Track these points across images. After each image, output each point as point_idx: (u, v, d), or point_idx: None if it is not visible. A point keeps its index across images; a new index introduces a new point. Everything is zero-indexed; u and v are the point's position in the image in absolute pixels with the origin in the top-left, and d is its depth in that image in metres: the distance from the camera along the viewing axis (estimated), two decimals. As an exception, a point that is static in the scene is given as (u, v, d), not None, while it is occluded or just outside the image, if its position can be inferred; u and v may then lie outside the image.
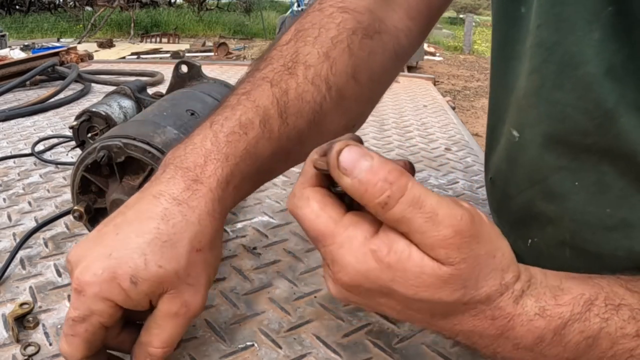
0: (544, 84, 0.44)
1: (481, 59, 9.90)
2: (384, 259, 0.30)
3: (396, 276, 0.30)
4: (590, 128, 0.41)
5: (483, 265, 0.31)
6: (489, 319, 0.32)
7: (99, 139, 0.52)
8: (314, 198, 0.33)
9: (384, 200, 0.29)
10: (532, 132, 0.47)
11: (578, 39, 0.40)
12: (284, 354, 0.43)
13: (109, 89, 1.13)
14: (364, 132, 1.04)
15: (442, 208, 0.30)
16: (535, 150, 0.47)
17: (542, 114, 0.45)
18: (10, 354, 0.42)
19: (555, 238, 0.48)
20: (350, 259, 0.31)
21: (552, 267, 0.51)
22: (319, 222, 0.32)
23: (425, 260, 0.30)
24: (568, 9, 0.41)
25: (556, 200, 0.47)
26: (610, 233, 0.43)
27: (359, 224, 0.31)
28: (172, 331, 0.39)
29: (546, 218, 0.49)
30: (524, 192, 0.50)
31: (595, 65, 0.40)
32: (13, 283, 0.51)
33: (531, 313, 0.32)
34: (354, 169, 0.29)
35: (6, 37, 6.48)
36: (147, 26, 10.89)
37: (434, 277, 0.30)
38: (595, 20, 0.39)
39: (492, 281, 0.31)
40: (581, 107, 0.41)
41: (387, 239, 0.30)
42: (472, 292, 0.31)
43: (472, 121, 5.28)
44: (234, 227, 0.64)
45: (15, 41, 7.63)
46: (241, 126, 0.42)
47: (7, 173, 0.79)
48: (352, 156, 0.30)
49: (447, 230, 0.30)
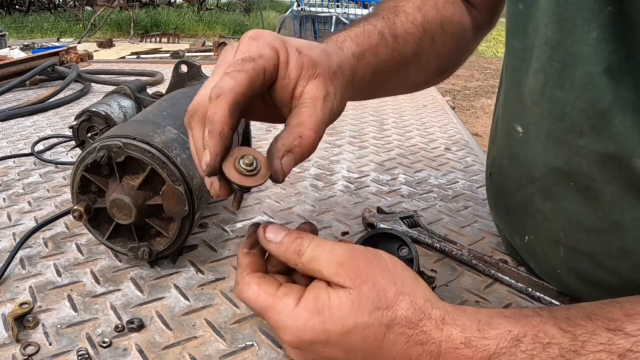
0: (548, 82, 0.44)
1: (481, 59, 9.89)
2: (313, 308, 0.37)
3: (325, 317, 0.36)
4: (586, 128, 0.42)
5: (386, 289, 0.37)
6: (419, 345, 0.35)
7: (99, 139, 0.52)
8: (253, 281, 0.40)
9: (298, 248, 0.39)
10: (536, 129, 0.47)
11: (578, 38, 0.41)
12: (284, 354, 0.43)
13: (109, 89, 1.13)
14: (364, 132, 1.04)
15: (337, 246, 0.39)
16: (538, 147, 0.47)
17: (545, 112, 0.45)
18: (10, 354, 0.42)
19: (550, 237, 0.48)
20: (288, 321, 0.37)
21: (548, 267, 0.51)
22: (260, 299, 0.39)
23: (340, 292, 0.37)
24: (569, 8, 0.41)
25: (552, 200, 0.47)
26: (602, 235, 0.44)
27: (290, 293, 0.38)
28: (320, 114, 0.41)
29: (542, 216, 0.49)
30: (523, 189, 0.51)
31: (593, 65, 0.40)
32: (13, 283, 0.51)
33: (457, 342, 0.35)
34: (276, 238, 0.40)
35: (6, 37, 6.48)
36: (147, 26, 10.88)
37: (348, 303, 0.36)
38: (594, 19, 0.39)
39: (403, 304, 0.36)
40: (579, 106, 0.42)
41: (312, 293, 0.37)
42: (389, 313, 0.36)
43: (472, 121, 5.28)
44: (234, 227, 0.64)
45: (15, 41, 7.63)
46: (365, 32, 0.51)
47: (7, 173, 0.79)
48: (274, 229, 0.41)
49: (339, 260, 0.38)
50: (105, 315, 0.47)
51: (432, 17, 0.57)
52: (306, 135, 0.39)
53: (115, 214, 0.50)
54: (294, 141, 0.39)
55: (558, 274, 0.49)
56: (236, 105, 0.38)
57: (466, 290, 0.52)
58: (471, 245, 0.60)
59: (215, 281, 0.52)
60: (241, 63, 0.39)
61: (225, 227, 0.64)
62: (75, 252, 0.57)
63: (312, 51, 0.42)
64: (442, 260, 0.57)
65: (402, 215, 0.63)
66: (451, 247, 0.58)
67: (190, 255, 0.57)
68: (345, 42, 0.48)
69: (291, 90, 0.41)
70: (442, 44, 0.58)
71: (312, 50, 0.43)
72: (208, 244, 0.60)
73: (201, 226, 0.64)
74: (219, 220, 0.65)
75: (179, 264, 0.55)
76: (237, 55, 0.40)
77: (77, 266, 0.54)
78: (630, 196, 0.41)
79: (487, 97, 6.32)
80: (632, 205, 0.41)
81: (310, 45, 0.43)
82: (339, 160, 0.88)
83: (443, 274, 0.55)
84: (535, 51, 0.45)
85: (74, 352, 0.42)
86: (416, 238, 0.59)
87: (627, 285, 0.43)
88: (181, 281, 0.52)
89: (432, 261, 0.57)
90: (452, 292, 0.52)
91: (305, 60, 0.41)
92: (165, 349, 0.43)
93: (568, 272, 0.48)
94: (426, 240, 0.59)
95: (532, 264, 0.53)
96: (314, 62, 0.42)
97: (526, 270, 0.55)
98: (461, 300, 0.50)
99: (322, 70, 0.42)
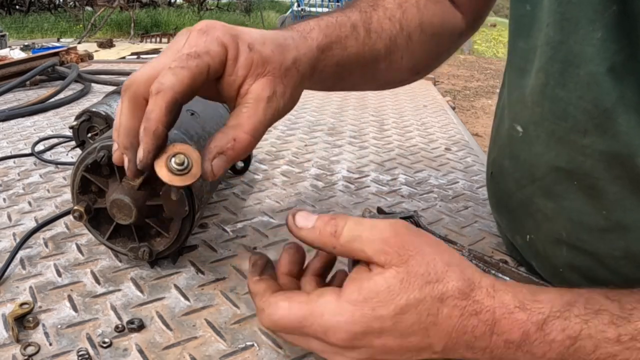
0: (548, 82, 0.44)
1: (481, 59, 9.89)
2: (358, 298, 0.34)
3: (374, 303, 0.34)
4: (590, 127, 0.42)
5: (435, 261, 0.35)
6: (473, 315, 0.34)
7: (99, 139, 0.52)
8: (279, 298, 0.37)
9: (333, 230, 0.36)
10: (536, 129, 0.47)
11: (581, 37, 0.41)
12: (284, 354, 0.43)
13: (109, 89, 1.13)
14: (364, 132, 1.04)
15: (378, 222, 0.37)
16: (538, 147, 0.47)
17: (546, 112, 0.45)
18: (10, 354, 0.42)
19: (551, 236, 0.48)
20: (334, 318, 0.35)
21: (550, 265, 0.51)
22: (294, 312, 0.36)
23: (386, 274, 0.35)
24: (572, 8, 0.41)
25: (554, 199, 0.47)
26: (605, 234, 0.44)
27: (325, 292, 0.36)
28: (261, 116, 0.40)
29: (543, 215, 0.49)
30: (524, 188, 0.51)
31: (596, 64, 0.40)
32: (13, 283, 0.51)
33: (511, 306, 0.34)
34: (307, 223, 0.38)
35: (6, 37, 6.47)
36: (147, 26, 10.87)
37: (397, 283, 0.34)
38: (598, 19, 0.39)
39: (453, 275, 0.35)
40: (582, 106, 0.42)
41: (352, 284, 0.35)
42: (439, 286, 0.34)
43: (472, 121, 5.28)
44: (234, 227, 0.64)
45: (15, 41, 7.62)
46: (337, 22, 0.50)
47: (7, 173, 0.79)
48: (304, 215, 0.38)
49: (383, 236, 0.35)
50: (105, 315, 0.47)
51: (411, 15, 0.56)
52: (241, 137, 0.40)
53: (115, 214, 0.50)
54: (227, 143, 0.39)
55: (560, 273, 0.49)
56: (174, 104, 0.39)
57: (466, 290, 0.52)
58: (471, 245, 0.60)
59: (215, 281, 0.52)
60: (185, 59, 0.39)
61: (225, 227, 0.64)
62: (75, 252, 0.57)
63: (264, 47, 0.42)
64: (442, 260, 0.57)
65: (402, 215, 0.63)
66: (451, 247, 0.57)
67: (190, 255, 0.57)
68: (312, 31, 0.48)
69: (237, 87, 0.41)
70: (420, 43, 0.58)
71: (264, 46, 0.42)
72: (208, 244, 0.60)
73: (201, 226, 0.64)
74: (219, 220, 0.65)
75: (179, 264, 0.55)
76: (184, 49, 0.40)
77: (77, 266, 0.54)
78: (633, 196, 0.41)
79: (487, 97, 6.32)
80: (634, 204, 0.41)
81: (265, 39, 0.42)
82: (339, 160, 0.88)
83: (443, 274, 0.55)
84: (537, 51, 0.45)
85: (74, 352, 0.42)
86: (416, 238, 0.59)
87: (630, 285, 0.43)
88: (181, 281, 0.52)
89: (432, 261, 0.57)
90: (452, 292, 0.52)
91: (255, 57, 0.41)
92: (165, 349, 0.43)
93: (570, 270, 0.48)
94: (426, 240, 0.59)
95: (534, 262, 0.53)
96: (265, 59, 0.41)
97: (526, 270, 0.55)
98: (461, 300, 0.50)
99: (272, 67, 0.42)
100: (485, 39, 13.72)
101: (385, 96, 1.37)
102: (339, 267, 0.43)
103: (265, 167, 0.83)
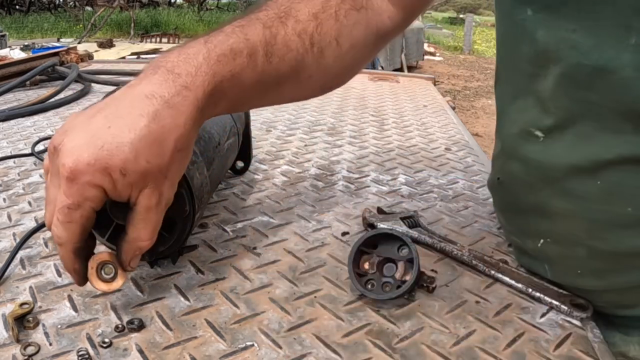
0: (578, 86, 0.43)
1: (481, 59, 9.90)
2: None
3: None
4: (621, 127, 0.42)
5: None
6: None
7: (99, 139, 0.51)
8: None
9: None
10: (560, 131, 0.46)
11: (615, 43, 0.40)
12: (284, 354, 0.43)
13: (109, 89, 1.13)
14: (364, 132, 1.04)
15: None
16: (559, 149, 0.47)
17: (575, 115, 0.45)
18: (10, 354, 0.42)
19: (569, 238, 0.48)
20: None
21: (565, 268, 0.51)
22: None
23: None
24: (604, 14, 0.41)
25: (573, 200, 0.47)
26: (626, 230, 0.44)
27: None
28: (155, 223, 0.45)
29: (561, 217, 0.48)
30: (538, 192, 0.50)
31: (631, 69, 0.40)
32: (13, 283, 0.51)
33: None
34: None
35: (6, 37, 6.48)
36: (147, 26, 10.88)
37: None
38: (633, 25, 0.39)
39: None
40: (616, 108, 0.42)
41: None
42: None
43: (472, 121, 5.29)
44: (234, 227, 0.64)
45: (15, 41, 7.63)
46: (231, 51, 0.46)
47: (7, 173, 0.79)
48: None
49: None
50: (105, 315, 0.47)
51: (327, 27, 0.52)
52: (142, 246, 0.45)
53: (115, 214, 0.50)
54: (134, 252, 0.45)
55: (578, 274, 0.49)
56: (77, 250, 0.43)
57: (466, 290, 0.52)
58: (471, 245, 0.60)
59: (215, 281, 0.52)
60: (68, 213, 0.41)
61: (225, 227, 0.64)
62: (75, 252, 0.57)
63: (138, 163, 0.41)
64: (442, 260, 0.57)
65: (402, 215, 0.63)
66: (451, 247, 0.58)
67: (190, 255, 0.57)
68: (199, 72, 0.44)
69: (126, 199, 0.43)
70: (334, 58, 0.53)
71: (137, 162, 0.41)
72: (208, 244, 0.60)
73: (201, 226, 0.64)
74: (219, 220, 0.65)
75: (179, 264, 0.55)
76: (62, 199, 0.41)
77: (77, 266, 0.54)
78: None
79: (487, 97, 6.32)
80: None
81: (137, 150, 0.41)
82: (339, 160, 0.88)
83: (443, 274, 0.55)
84: (553, 55, 0.45)
85: (74, 352, 0.42)
86: (416, 238, 0.59)
87: None
88: (181, 281, 0.52)
89: (432, 261, 0.57)
90: (452, 292, 0.52)
91: (131, 179, 0.41)
92: (165, 349, 0.43)
93: (590, 272, 0.48)
94: (426, 240, 0.59)
95: (547, 267, 0.53)
96: (142, 175, 0.42)
97: (526, 271, 0.55)
98: (461, 300, 0.50)
99: (152, 176, 0.42)
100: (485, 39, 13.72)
101: (385, 96, 1.37)
102: (340, 267, 0.43)
103: (265, 167, 0.83)
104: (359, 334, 0.45)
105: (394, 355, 0.43)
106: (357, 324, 0.47)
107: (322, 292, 0.51)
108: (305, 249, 0.59)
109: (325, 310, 0.48)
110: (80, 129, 0.42)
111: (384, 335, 0.45)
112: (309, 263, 0.56)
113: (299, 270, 0.55)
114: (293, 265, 0.56)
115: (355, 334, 0.45)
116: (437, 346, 0.44)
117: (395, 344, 0.44)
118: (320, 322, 0.47)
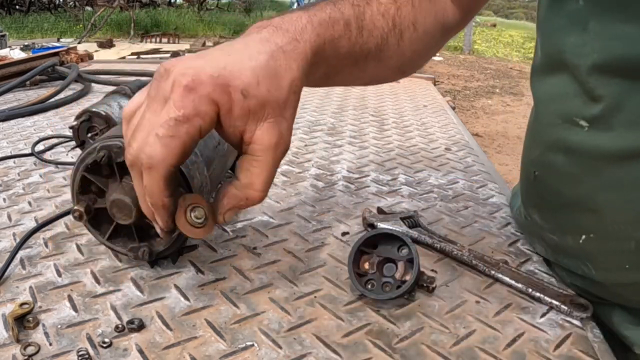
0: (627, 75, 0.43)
1: (481, 59, 9.89)
2: None
3: None
4: None
5: None
6: None
7: (99, 139, 0.52)
8: None
9: None
10: (608, 120, 0.45)
11: None
12: (284, 354, 0.43)
13: (109, 89, 1.13)
14: (364, 132, 1.04)
15: None
16: (607, 138, 0.45)
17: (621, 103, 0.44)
18: (10, 354, 0.42)
19: (616, 231, 0.47)
20: None
21: (612, 263, 0.50)
22: None
23: None
24: None
25: (621, 191, 0.46)
26: None
27: None
28: (271, 169, 0.41)
29: (607, 209, 0.47)
30: (583, 184, 0.49)
31: None
32: (13, 283, 0.51)
33: None
34: None
35: (6, 37, 6.48)
36: (147, 26, 10.88)
37: None
38: None
39: None
40: None
41: None
42: None
43: (472, 121, 5.29)
44: (234, 227, 0.64)
45: (15, 41, 7.62)
46: (330, 19, 0.48)
47: (7, 173, 0.79)
48: None
49: None
50: (105, 315, 0.47)
51: (406, 11, 0.55)
52: (252, 196, 0.41)
53: (115, 214, 0.50)
54: (239, 202, 0.41)
55: (626, 269, 0.48)
56: (169, 176, 0.39)
57: (466, 290, 0.52)
58: (471, 245, 0.60)
59: (215, 281, 0.52)
60: (174, 125, 0.37)
61: (225, 227, 0.64)
62: (75, 252, 0.57)
63: (259, 88, 0.39)
64: (442, 260, 0.57)
65: (402, 215, 0.63)
66: (451, 247, 0.58)
67: (190, 255, 0.57)
68: (304, 31, 0.45)
69: (239, 135, 0.40)
70: (410, 42, 0.56)
71: (259, 87, 0.39)
72: (208, 244, 0.60)
73: (201, 226, 0.63)
74: (219, 220, 0.65)
75: (179, 264, 0.55)
76: (170, 112, 0.38)
77: (77, 266, 0.54)
78: None
79: (487, 97, 6.32)
80: None
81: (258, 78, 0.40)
82: (339, 160, 0.88)
83: (443, 274, 0.55)
84: (601, 46, 0.44)
85: (74, 352, 0.42)
86: (416, 238, 0.59)
87: None
88: (181, 281, 0.52)
89: (432, 261, 0.57)
90: (452, 292, 0.52)
91: (251, 104, 0.39)
92: (165, 349, 0.43)
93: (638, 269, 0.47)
94: (426, 240, 0.59)
95: (589, 264, 0.51)
96: (262, 103, 0.39)
97: (526, 272, 0.55)
98: (461, 300, 0.50)
99: (272, 108, 0.40)
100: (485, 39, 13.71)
101: (385, 96, 1.37)
102: (340, 267, 0.43)
103: (265, 167, 0.83)
104: (359, 334, 0.45)
105: (394, 355, 0.43)
106: (357, 324, 0.47)
107: (322, 292, 0.51)
108: (305, 249, 0.59)
109: (325, 310, 0.48)
110: (195, 57, 0.41)
111: (384, 335, 0.45)
112: (309, 263, 0.56)
113: (299, 270, 0.55)
114: (293, 265, 0.56)
115: (355, 334, 0.45)
116: (437, 346, 0.44)
117: (395, 344, 0.44)
118: (320, 322, 0.47)
